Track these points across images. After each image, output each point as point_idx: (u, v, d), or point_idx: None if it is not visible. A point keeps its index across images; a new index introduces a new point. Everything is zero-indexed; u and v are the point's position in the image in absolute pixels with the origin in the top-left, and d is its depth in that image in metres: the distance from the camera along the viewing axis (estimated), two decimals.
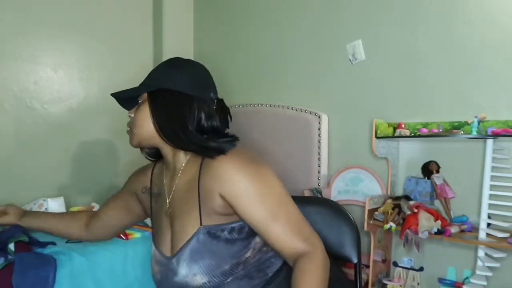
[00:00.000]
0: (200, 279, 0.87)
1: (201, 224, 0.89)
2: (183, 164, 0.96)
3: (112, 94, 0.99)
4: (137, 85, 1.01)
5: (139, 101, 0.97)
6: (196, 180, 0.91)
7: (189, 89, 0.93)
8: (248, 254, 0.90)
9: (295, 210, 0.89)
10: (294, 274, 0.84)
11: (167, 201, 0.99)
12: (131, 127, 0.97)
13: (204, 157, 0.91)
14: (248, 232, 0.91)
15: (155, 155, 1.07)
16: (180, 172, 0.96)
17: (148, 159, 1.10)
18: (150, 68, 2.41)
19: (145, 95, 0.96)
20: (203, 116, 0.93)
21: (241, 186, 0.85)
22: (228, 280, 0.88)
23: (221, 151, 0.88)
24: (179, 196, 0.96)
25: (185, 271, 0.89)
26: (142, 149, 1.06)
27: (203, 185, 0.89)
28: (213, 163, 0.88)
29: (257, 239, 0.93)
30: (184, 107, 0.92)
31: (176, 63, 0.99)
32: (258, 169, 0.88)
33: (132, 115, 0.98)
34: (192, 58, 2.99)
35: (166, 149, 0.97)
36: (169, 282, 0.93)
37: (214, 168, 0.88)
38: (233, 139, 0.93)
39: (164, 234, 0.98)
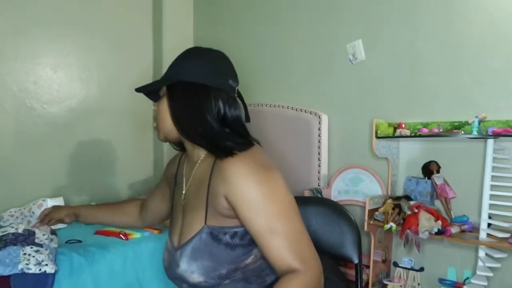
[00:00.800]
0: (196, 277, 0.88)
1: (205, 223, 0.89)
2: (201, 158, 0.96)
3: (136, 89, 0.99)
4: (138, 84, 1.01)
5: (160, 95, 0.97)
6: (208, 178, 0.90)
7: (206, 79, 0.91)
8: (248, 261, 0.89)
9: (298, 227, 0.84)
10: None
11: (183, 192, 1.00)
12: (156, 121, 0.98)
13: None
14: (251, 239, 0.89)
15: (182, 145, 1.06)
16: (196, 166, 0.96)
17: (175, 148, 1.10)
18: (150, 68, 2.46)
19: (165, 88, 0.95)
20: (221, 105, 0.91)
21: (245, 192, 0.82)
22: (225, 282, 0.88)
23: (230, 153, 0.86)
24: (193, 190, 0.96)
25: (185, 266, 0.90)
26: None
27: (212, 184, 0.89)
28: (223, 164, 0.86)
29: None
30: (201, 98, 0.90)
31: (193, 52, 0.97)
32: (267, 177, 0.84)
33: (155, 108, 0.98)
34: None
35: (187, 142, 0.97)
36: (172, 271, 0.94)
37: (223, 169, 0.86)
38: (248, 142, 0.91)
39: (177, 224, 0.99)
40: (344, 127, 1.92)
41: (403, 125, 1.62)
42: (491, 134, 1.37)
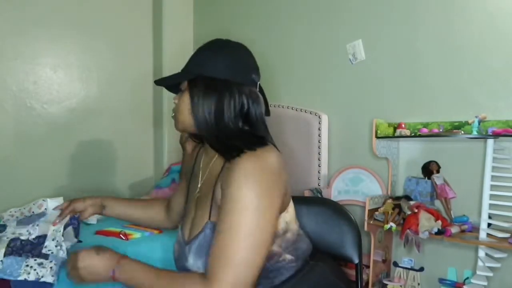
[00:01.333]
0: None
1: (209, 219, 0.88)
2: (217, 155, 0.95)
3: (156, 82, 0.98)
4: (137, 84, 1.01)
5: (181, 88, 0.96)
6: (218, 174, 0.90)
7: (229, 74, 0.89)
8: None
9: (254, 254, 0.79)
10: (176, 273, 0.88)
11: (199, 185, 0.99)
12: (175, 113, 0.96)
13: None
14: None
15: (199, 138, 1.06)
16: (214, 160, 0.96)
17: (194, 140, 1.10)
18: (150, 68, 2.46)
19: (186, 82, 0.94)
20: (244, 101, 0.90)
21: (233, 186, 0.80)
22: None
23: (238, 152, 0.84)
24: (206, 185, 0.96)
25: (192, 261, 0.90)
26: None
27: (221, 176, 0.88)
28: (232, 162, 0.84)
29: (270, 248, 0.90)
30: (223, 95, 0.88)
31: (216, 45, 0.95)
32: (261, 183, 0.80)
33: (176, 101, 0.96)
34: None
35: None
36: (182, 263, 0.94)
37: (230, 165, 0.84)
38: (260, 142, 0.89)
39: (189, 217, 0.98)
40: (344, 127, 1.92)
41: (403, 125, 1.62)
42: (491, 134, 1.37)
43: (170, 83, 0.97)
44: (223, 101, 0.88)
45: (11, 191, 1.82)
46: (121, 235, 1.42)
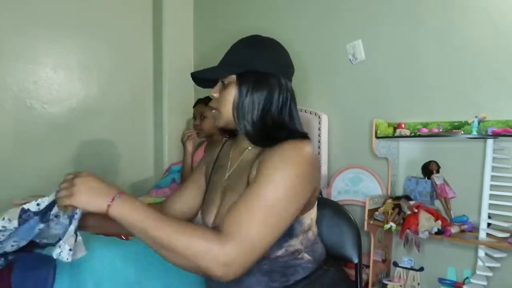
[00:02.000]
0: None
1: None
2: (249, 148, 0.96)
3: (195, 74, 0.96)
4: (137, 84, 1.00)
5: (224, 82, 0.95)
6: (254, 160, 0.91)
7: (276, 69, 0.92)
8: (278, 253, 0.89)
9: (272, 227, 0.79)
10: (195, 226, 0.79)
11: (227, 174, 0.99)
12: (219, 107, 0.95)
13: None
14: (284, 232, 0.85)
15: (232, 133, 1.06)
16: (245, 152, 0.97)
17: (224, 136, 1.11)
18: (150, 68, 2.46)
19: (232, 76, 0.93)
20: (288, 96, 0.93)
21: (270, 165, 0.82)
22: (253, 271, 0.87)
23: (278, 142, 0.86)
24: (237, 173, 0.96)
25: None
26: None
27: (257, 163, 0.89)
28: (273, 147, 0.86)
29: (292, 242, 0.90)
30: (272, 89, 0.91)
31: (259, 42, 0.97)
32: (300, 172, 0.82)
33: (216, 95, 0.96)
34: (191, 58, 3.00)
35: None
36: None
37: (277, 146, 0.86)
38: (302, 134, 0.92)
39: (214, 204, 0.98)
40: (344, 127, 1.93)
41: (403, 125, 1.62)
42: (490, 134, 1.37)
43: (216, 77, 0.96)
44: (273, 95, 0.91)
45: (11, 191, 1.82)
46: (121, 235, 1.42)
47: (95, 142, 2.19)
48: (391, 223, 1.52)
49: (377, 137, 1.63)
